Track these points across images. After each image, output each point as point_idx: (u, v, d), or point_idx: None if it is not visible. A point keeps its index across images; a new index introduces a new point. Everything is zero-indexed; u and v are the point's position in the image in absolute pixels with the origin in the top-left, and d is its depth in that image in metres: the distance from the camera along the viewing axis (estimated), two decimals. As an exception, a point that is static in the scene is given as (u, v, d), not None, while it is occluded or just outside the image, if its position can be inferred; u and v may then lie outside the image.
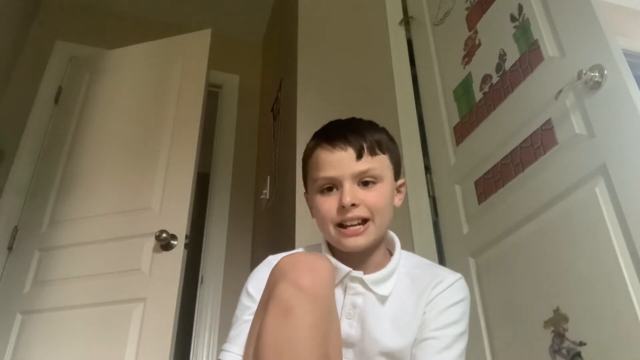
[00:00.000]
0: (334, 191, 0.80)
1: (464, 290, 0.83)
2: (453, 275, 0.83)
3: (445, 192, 1.61)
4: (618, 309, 0.94)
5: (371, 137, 0.81)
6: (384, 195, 0.80)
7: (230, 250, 2.35)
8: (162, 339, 1.58)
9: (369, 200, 0.78)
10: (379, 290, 0.80)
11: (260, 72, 2.92)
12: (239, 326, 0.80)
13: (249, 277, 0.86)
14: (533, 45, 1.27)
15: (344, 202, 0.76)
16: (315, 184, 0.81)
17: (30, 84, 2.34)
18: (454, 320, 0.79)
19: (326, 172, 0.80)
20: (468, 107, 1.53)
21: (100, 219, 1.90)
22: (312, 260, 0.71)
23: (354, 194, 0.78)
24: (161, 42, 2.31)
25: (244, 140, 2.66)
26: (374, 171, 0.79)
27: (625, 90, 0.99)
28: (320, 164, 0.81)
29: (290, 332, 0.63)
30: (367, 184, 0.79)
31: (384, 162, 0.82)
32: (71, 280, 1.80)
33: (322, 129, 0.87)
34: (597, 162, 1.04)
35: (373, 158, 0.80)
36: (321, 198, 0.81)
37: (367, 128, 0.83)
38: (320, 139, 0.83)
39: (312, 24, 1.93)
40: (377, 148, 0.81)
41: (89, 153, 2.09)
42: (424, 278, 0.82)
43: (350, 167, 0.78)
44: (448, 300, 0.79)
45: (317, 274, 0.68)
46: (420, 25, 1.91)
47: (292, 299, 0.65)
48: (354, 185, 0.79)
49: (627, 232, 0.95)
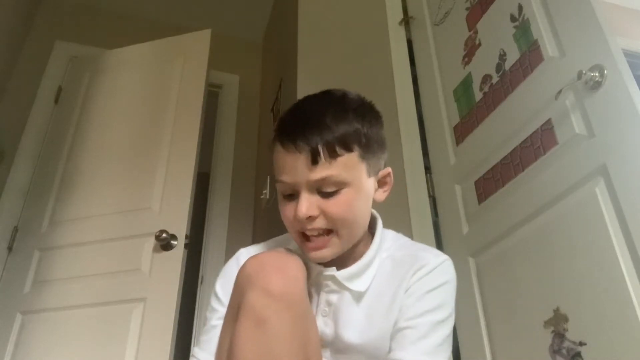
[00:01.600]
0: (294, 197, 0.69)
1: (447, 273, 0.73)
2: (437, 257, 0.74)
3: (445, 192, 1.61)
4: (618, 309, 0.94)
5: (331, 133, 0.66)
6: (350, 202, 0.68)
7: (230, 250, 2.34)
8: (162, 339, 1.58)
9: (330, 211, 0.67)
10: (354, 286, 0.72)
11: (260, 72, 2.92)
12: (208, 331, 0.75)
13: (219, 275, 0.79)
14: (533, 45, 1.27)
15: (298, 213, 0.66)
16: (277, 185, 0.72)
17: (30, 84, 2.34)
18: (433, 307, 0.69)
19: (282, 176, 0.69)
20: (468, 107, 1.53)
21: (100, 219, 1.89)
22: (281, 261, 0.65)
23: (310, 204, 0.67)
24: (161, 42, 2.31)
25: (244, 140, 2.66)
26: (334, 178, 0.66)
27: (625, 90, 0.99)
28: (277, 165, 0.71)
29: (267, 345, 0.59)
30: (328, 192, 0.67)
31: (349, 162, 0.67)
32: (71, 280, 1.80)
33: (282, 116, 0.74)
34: (597, 162, 1.04)
35: (333, 162, 0.66)
36: (283, 203, 0.72)
37: (330, 118, 0.67)
38: (276, 134, 0.71)
39: (312, 24, 1.93)
40: (340, 147, 0.66)
41: (89, 153, 2.09)
42: (406, 262, 0.74)
43: (304, 175, 0.66)
44: (427, 285, 0.71)
45: (287, 276, 0.63)
46: (420, 25, 1.91)
47: (265, 308, 0.60)
48: (312, 194, 0.68)
49: (627, 232, 0.95)
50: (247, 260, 0.67)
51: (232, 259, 0.81)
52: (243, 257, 0.75)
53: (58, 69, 2.42)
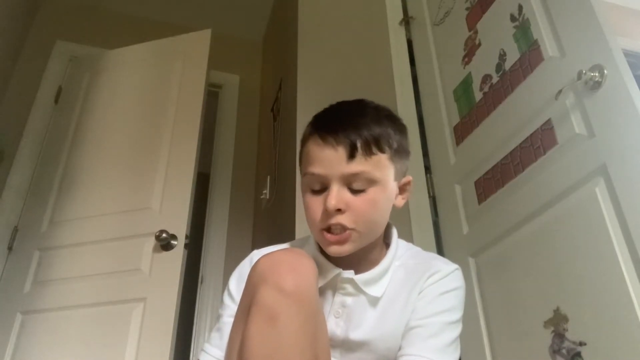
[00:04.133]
0: (324, 192, 0.72)
1: (458, 280, 0.77)
2: (449, 265, 0.77)
3: (445, 192, 1.61)
4: (618, 309, 0.94)
5: (370, 132, 0.70)
6: (377, 201, 0.72)
7: (230, 250, 2.35)
8: (162, 339, 1.58)
9: (357, 207, 0.70)
10: (370, 291, 0.75)
11: (260, 72, 2.92)
12: (220, 328, 0.77)
13: (233, 273, 0.82)
14: (533, 45, 1.27)
15: (328, 205, 0.69)
16: (305, 178, 0.74)
17: (30, 84, 2.34)
18: (444, 308, 0.73)
19: (314, 168, 0.72)
20: (468, 107, 1.53)
21: (100, 219, 1.89)
22: (294, 260, 0.66)
23: (340, 197, 0.70)
24: (161, 42, 2.31)
25: (244, 140, 2.66)
26: (366, 174, 0.70)
27: (625, 90, 0.99)
28: (310, 158, 0.73)
29: (277, 341, 0.60)
30: (358, 188, 0.70)
31: (381, 162, 0.71)
32: (71, 280, 1.80)
33: (320, 114, 0.78)
34: (597, 162, 1.04)
35: (368, 159, 0.70)
36: (309, 197, 0.74)
37: (368, 120, 0.72)
38: (314, 128, 0.75)
39: (312, 24, 1.93)
40: (375, 146, 0.70)
41: (89, 153, 2.09)
42: (418, 269, 0.77)
43: (339, 168, 0.69)
44: (440, 288, 0.74)
45: (300, 275, 0.64)
46: (420, 25, 1.91)
47: (276, 304, 0.61)
48: (342, 188, 0.70)
49: (627, 232, 0.95)
50: (260, 259, 0.68)
51: (246, 259, 0.83)
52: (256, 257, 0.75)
53: (58, 69, 2.42)
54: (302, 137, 0.79)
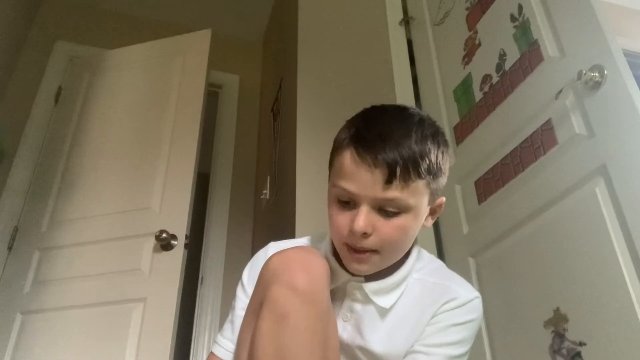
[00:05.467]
0: (352, 207, 0.68)
1: (476, 311, 0.73)
2: (469, 294, 0.73)
3: (445, 192, 1.60)
4: (618, 309, 0.94)
5: (411, 154, 0.64)
6: (407, 227, 0.68)
7: (230, 250, 2.35)
8: (162, 339, 1.58)
9: (384, 232, 0.66)
10: (379, 301, 0.72)
11: (260, 72, 2.92)
12: (233, 320, 0.77)
13: (248, 264, 0.82)
14: (533, 45, 1.27)
15: (355, 227, 0.65)
16: (334, 189, 0.70)
17: (30, 84, 2.34)
18: (453, 341, 0.70)
19: (346, 184, 0.67)
20: (468, 107, 1.53)
21: (100, 219, 1.89)
22: (306, 259, 0.66)
23: (369, 220, 0.66)
24: (161, 42, 2.31)
25: (244, 140, 2.66)
26: (400, 201, 0.65)
27: (625, 90, 0.99)
28: (344, 171, 0.68)
29: (288, 339, 0.60)
30: (389, 213, 0.66)
31: (418, 189, 0.66)
32: (71, 280, 1.80)
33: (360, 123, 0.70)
34: (597, 162, 1.04)
35: (405, 186, 0.65)
36: (336, 210, 0.69)
37: (412, 142, 0.65)
38: (351, 140, 0.68)
39: (312, 24, 1.93)
40: (414, 173, 0.65)
41: (89, 153, 2.09)
42: (436, 291, 0.73)
43: (373, 191, 0.65)
44: (454, 319, 0.71)
45: (312, 274, 0.64)
46: (420, 25, 1.91)
47: (288, 303, 0.61)
48: (372, 211, 0.66)
49: (627, 232, 0.95)
50: (272, 256, 0.68)
51: (261, 250, 0.82)
52: (272, 249, 0.75)
53: (58, 69, 2.42)
54: (337, 141, 0.72)
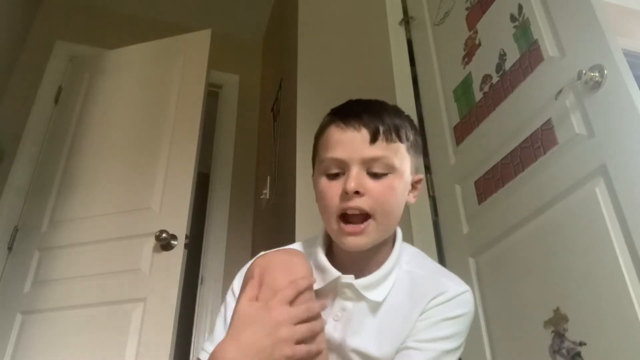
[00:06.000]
0: (341, 177, 0.71)
1: (467, 305, 0.74)
2: (458, 286, 0.74)
3: (445, 192, 1.61)
4: (618, 309, 0.94)
5: (391, 121, 0.72)
6: (395, 188, 0.71)
7: (230, 250, 2.35)
8: (162, 339, 1.58)
9: (376, 191, 0.70)
10: (371, 296, 0.73)
11: (260, 72, 2.92)
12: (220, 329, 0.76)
13: (237, 275, 0.82)
14: (533, 45, 1.27)
15: (347, 187, 0.68)
16: (322, 164, 0.74)
17: (30, 84, 2.34)
18: (445, 335, 0.70)
19: (334, 152, 0.71)
20: (468, 107, 1.53)
21: (100, 219, 1.90)
22: (287, 260, 0.67)
23: (360, 180, 0.69)
24: (161, 42, 2.31)
25: (244, 140, 2.66)
26: (387, 160, 0.70)
27: (625, 90, 0.99)
28: (330, 143, 0.73)
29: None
30: (377, 174, 0.70)
31: (400, 151, 0.72)
32: (71, 280, 1.80)
33: (340, 105, 0.79)
34: (597, 162, 1.04)
35: (389, 145, 0.71)
36: (326, 182, 0.73)
37: (388, 111, 0.75)
38: (334, 116, 0.76)
39: (312, 24, 1.93)
40: (395, 134, 0.72)
41: (89, 153, 2.09)
42: (426, 285, 0.74)
43: (361, 150, 0.70)
44: (445, 313, 0.71)
45: (292, 275, 0.65)
46: (420, 25, 1.91)
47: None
48: (362, 172, 0.70)
49: (627, 232, 0.95)
50: (256, 259, 0.70)
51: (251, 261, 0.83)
52: None
53: (58, 69, 2.42)
54: (319, 129, 0.79)
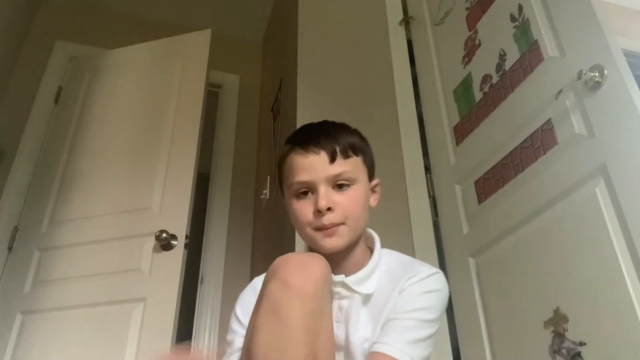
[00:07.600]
0: (309, 195, 0.80)
1: (440, 283, 0.80)
2: (430, 269, 0.81)
3: (445, 192, 1.61)
4: (618, 309, 0.94)
5: (344, 140, 0.82)
6: (359, 197, 0.81)
7: (230, 250, 2.35)
8: (162, 339, 1.58)
9: (344, 204, 0.79)
10: (362, 289, 0.79)
11: (260, 72, 2.92)
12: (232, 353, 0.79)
13: (237, 301, 0.87)
14: (533, 45, 1.27)
15: (319, 205, 0.77)
16: (291, 188, 0.82)
17: (30, 84, 2.34)
18: (423, 306, 0.76)
19: (301, 176, 0.80)
20: (468, 107, 1.53)
21: (100, 219, 1.90)
22: (305, 260, 0.71)
23: (329, 197, 0.78)
24: (161, 42, 2.31)
25: (244, 140, 2.66)
26: (348, 174, 0.80)
27: (625, 90, 0.99)
28: (294, 168, 0.81)
29: (278, 332, 0.64)
30: (342, 186, 0.80)
31: (357, 164, 0.83)
32: (71, 280, 1.80)
33: (294, 133, 0.88)
34: (597, 162, 1.04)
35: (346, 161, 0.81)
36: (297, 202, 0.81)
37: (339, 131, 0.84)
38: (293, 144, 0.84)
39: (312, 24, 1.93)
40: (350, 151, 0.82)
41: (89, 153, 2.09)
42: (403, 269, 0.81)
43: (324, 170, 0.79)
44: (420, 288, 0.77)
45: (307, 273, 0.69)
46: (420, 25, 1.91)
47: (280, 298, 0.66)
48: (328, 189, 0.79)
49: (627, 232, 0.95)
50: (276, 259, 0.73)
51: (248, 287, 0.88)
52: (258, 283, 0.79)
53: (58, 69, 2.42)
54: (280, 158, 0.87)
